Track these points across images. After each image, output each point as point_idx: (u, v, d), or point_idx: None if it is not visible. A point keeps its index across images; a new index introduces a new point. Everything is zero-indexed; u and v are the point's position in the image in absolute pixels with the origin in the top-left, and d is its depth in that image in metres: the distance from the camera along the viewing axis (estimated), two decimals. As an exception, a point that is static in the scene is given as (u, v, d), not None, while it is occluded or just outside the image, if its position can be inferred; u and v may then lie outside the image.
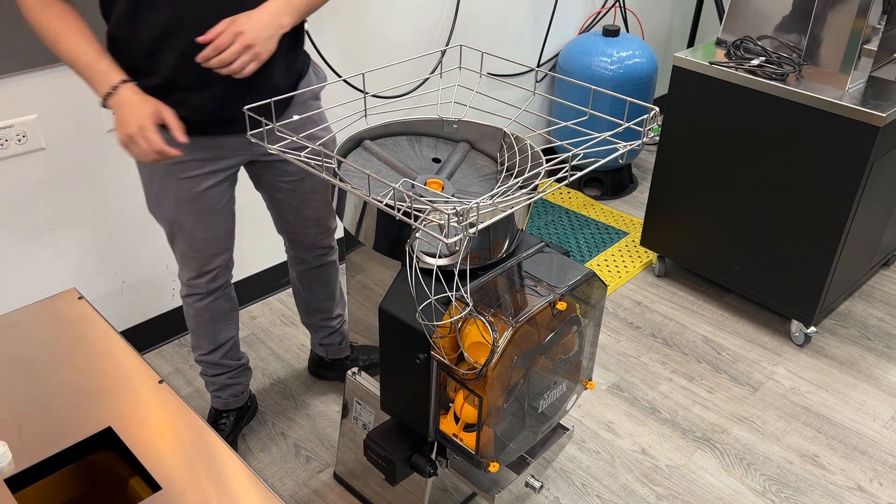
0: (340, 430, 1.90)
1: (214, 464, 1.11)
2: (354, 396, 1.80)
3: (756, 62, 2.31)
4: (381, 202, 1.28)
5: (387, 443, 1.56)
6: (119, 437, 1.13)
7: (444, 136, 1.68)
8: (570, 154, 1.29)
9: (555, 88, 3.33)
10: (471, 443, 1.44)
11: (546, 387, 1.51)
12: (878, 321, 2.64)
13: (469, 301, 1.34)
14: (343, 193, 1.48)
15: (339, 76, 2.48)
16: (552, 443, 1.72)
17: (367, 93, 1.74)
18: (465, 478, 1.64)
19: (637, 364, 2.44)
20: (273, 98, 1.49)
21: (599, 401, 2.29)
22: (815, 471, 2.09)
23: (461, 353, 1.36)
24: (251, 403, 2.16)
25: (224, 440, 2.10)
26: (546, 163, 1.47)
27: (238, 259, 2.50)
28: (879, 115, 2.06)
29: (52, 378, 1.24)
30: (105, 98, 1.46)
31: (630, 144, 1.34)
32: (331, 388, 2.30)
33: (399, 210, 1.25)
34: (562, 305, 1.42)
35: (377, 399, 1.72)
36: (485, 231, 1.40)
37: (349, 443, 1.89)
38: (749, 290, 2.56)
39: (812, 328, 2.47)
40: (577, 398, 1.65)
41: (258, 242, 2.56)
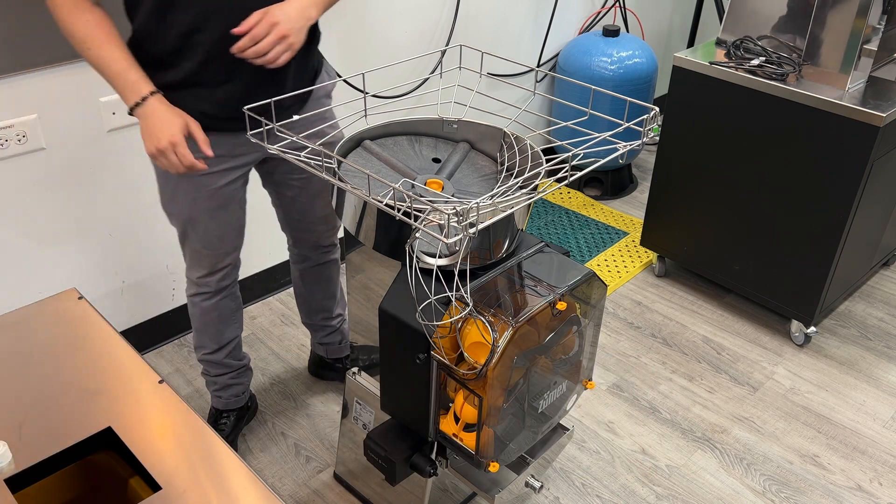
0: (340, 430, 1.90)
1: (214, 464, 1.11)
2: (354, 396, 1.80)
3: (756, 62, 2.31)
4: (381, 202, 1.28)
5: (387, 443, 1.56)
6: (119, 437, 1.13)
7: (444, 136, 1.68)
8: (570, 154, 1.29)
9: (555, 88, 3.33)
10: (471, 443, 1.44)
11: (546, 387, 1.51)
12: (878, 321, 2.64)
13: (469, 301, 1.34)
14: (343, 193, 1.48)
15: (340, 76, 2.48)
16: (552, 443, 1.72)
17: (367, 93, 1.75)
18: (465, 478, 1.64)
19: (637, 364, 2.44)
20: (273, 98, 1.49)
21: (599, 401, 2.29)
22: (815, 471, 2.09)
23: (461, 353, 1.36)
24: (251, 403, 2.16)
25: (224, 440, 2.10)
26: (546, 163, 1.47)
27: (238, 259, 2.50)
28: (879, 115, 2.06)
29: (52, 378, 1.24)
30: (133, 108, 1.49)
31: (630, 144, 1.34)
32: (331, 388, 2.30)
33: (399, 210, 1.25)
34: (562, 305, 1.42)
35: (377, 399, 1.72)
36: (485, 231, 1.40)
37: (349, 443, 1.89)
38: (749, 290, 2.56)
39: (812, 328, 2.47)
40: (577, 398, 1.65)
41: (258, 243, 2.56)
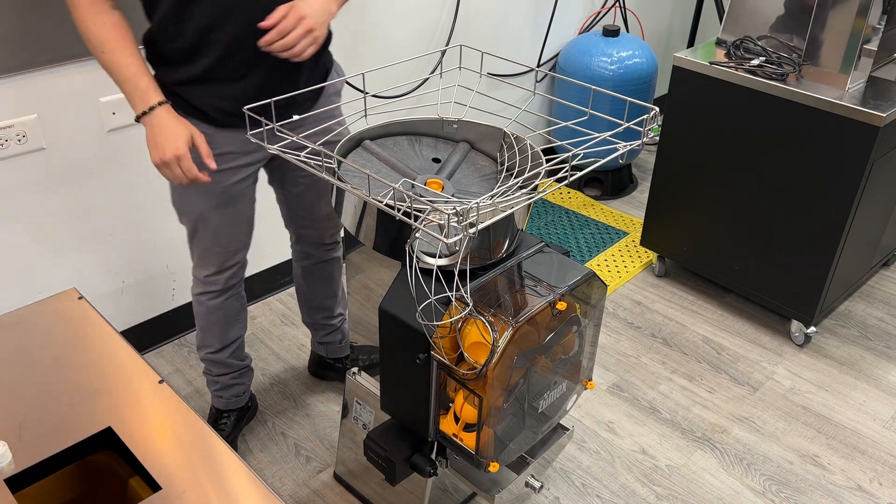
0: (340, 430, 1.90)
1: (214, 464, 1.11)
2: (354, 396, 1.80)
3: (756, 62, 2.31)
4: (381, 202, 1.28)
5: (387, 443, 1.56)
6: (119, 437, 1.13)
7: (444, 136, 1.68)
8: (570, 154, 1.29)
9: (555, 88, 3.33)
10: (471, 443, 1.44)
11: (546, 387, 1.51)
12: (878, 321, 2.64)
13: (469, 301, 1.34)
14: (343, 193, 1.48)
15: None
16: (552, 443, 1.72)
17: (367, 93, 1.75)
18: (465, 478, 1.64)
19: (637, 364, 2.44)
20: (273, 98, 1.49)
21: (599, 401, 2.29)
22: (815, 471, 2.09)
23: (461, 353, 1.36)
24: (251, 403, 2.16)
25: (224, 440, 2.10)
26: (546, 163, 1.47)
27: (238, 259, 2.50)
28: (879, 115, 2.06)
29: (52, 378, 1.24)
30: (140, 116, 1.51)
31: (630, 144, 1.34)
32: (331, 388, 2.30)
33: (399, 210, 1.25)
34: (562, 305, 1.42)
35: (377, 399, 1.72)
36: (485, 231, 1.40)
37: (349, 443, 1.89)
38: (749, 290, 2.56)
39: (812, 328, 2.47)
40: (577, 398, 1.65)
41: (258, 243, 2.56)
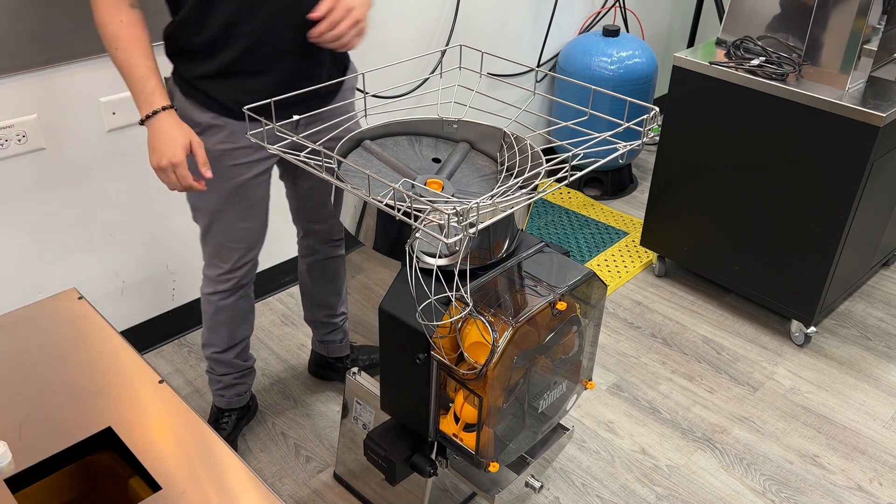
0: (340, 430, 1.90)
1: (214, 464, 1.11)
2: (354, 396, 1.80)
3: (756, 62, 2.31)
4: (381, 202, 1.28)
5: (387, 443, 1.56)
6: (119, 437, 1.13)
7: (444, 136, 1.68)
8: (570, 154, 1.29)
9: (555, 88, 3.33)
10: (471, 443, 1.44)
11: (546, 387, 1.51)
12: (878, 321, 2.64)
13: (469, 301, 1.34)
14: (343, 193, 1.48)
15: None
16: (552, 443, 1.72)
17: (367, 93, 1.75)
18: (465, 478, 1.64)
19: (637, 364, 2.44)
20: (273, 98, 1.49)
21: (599, 401, 2.29)
22: (815, 471, 2.09)
23: (461, 353, 1.36)
24: (252, 403, 2.16)
25: (224, 440, 2.10)
26: (546, 163, 1.47)
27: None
28: (879, 115, 2.06)
29: (52, 378, 1.24)
30: (144, 119, 1.52)
31: (630, 144, 1.34)
32: (331, 388, 2.30)
33: (399, 210, 1.25)
34: (562, 305, 1.42)
35: (377, 399, 1.72)
36: (485, 231, 1.40)
37: (349, 443, 1.89)
38: (749, 290, 2.56)
39: (812, 328, 2.47)
40: (577, 398, 1.65)
41: (258, 242, 2.56)
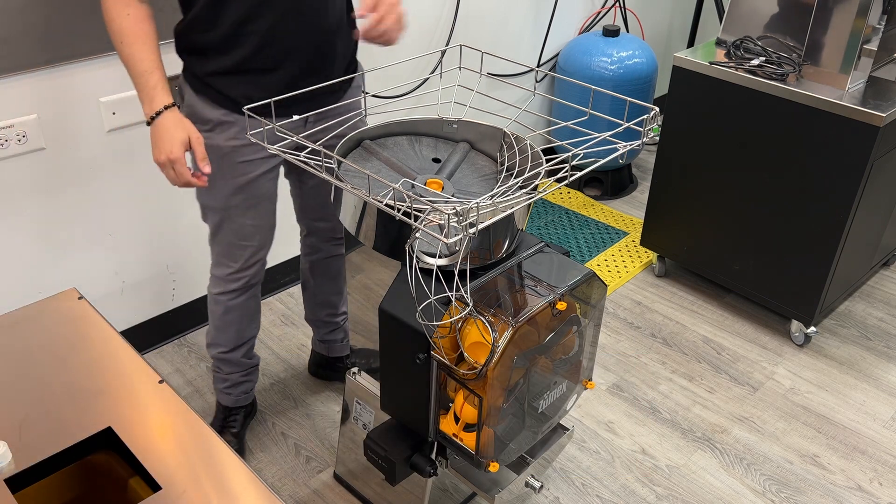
0: (340, 430, 1.90)
1: (214, 464, 1.11)
2: (354, 396, 1.80)
3: (756, 62, 2.31)
4: (381, 202, 1.28)
5: (387, 443, 1.56)
6: (119, 437, 1.13)
7: (444, 136, 1.68)
8: (570, 154, 1.29)
9: (555, 88, 3.33)
10: (471, 443, 1.44)
11: (546, 387, 1.51)
12: (878, 321, 2.64)
13: (469, 301, 1.34)
14: (343, 193, 1.48)
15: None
16: (552, 443, 1.72)
17: (367, 93, 1.75)
18: (465, 478, 1.64)
19: (637, 364, 2.44)
20: (273, 98, 1.49)
21: (599, 401, 2.29)
22: (815, 471, 2.09)
23: (461, 353, 1.36)
24: (254, 402, 2.16)
25: (235, 438, 2.10)
26: (546, 163, 1.47)
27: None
28: (879, 115, 2.06)
29: (52, 378, 1.24)
30: (149, 121, 1.54)
31: (630, 144, 1.34)
32: (331, 388, 2.30)
33: (399, 210, 1.25)
34: (562, 305, 1.42)
35: (377, 399, 1.72)
36: (485, 231, 1.40)
37: (349, 443, 1.89)
38: (749, 290, 2.56)
39: (812, 328, 2.47)
40: (577, 398, 1.65)
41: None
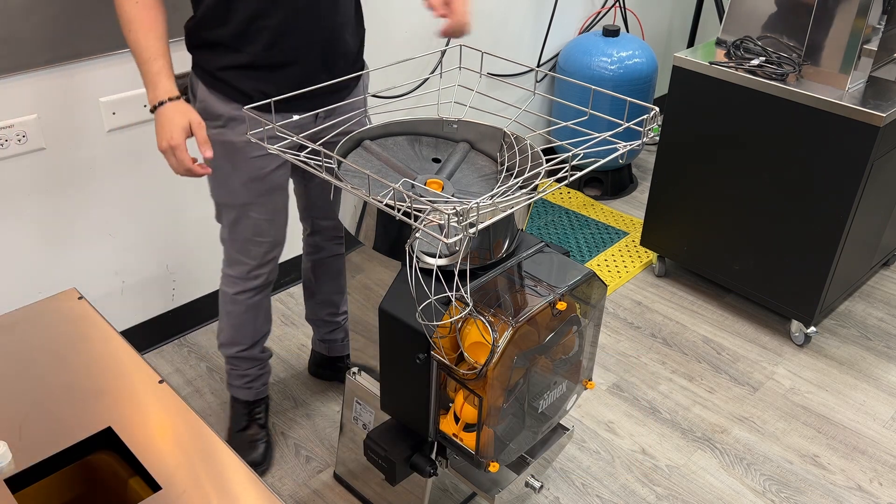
0: (340, 430, 1.90)
1: (214, 464, 1.11)
2: (354, 396, 1.80)
3: (756, 62, 2.31)
4: (381, 202, 1.28)
5: (387, 443, 1.56)
6: (119, 437, 1.13)
7: (444, 136, 1.68)
8: (570, 154, 1.29)
9: (555, 88, 3.33)
10: (471, 443, 1.44)
11: (546, 387, 1.51)
12: (878, 321, 2.64)
13: (469, 301, 1.34)
14: (343, 193, 1.48)
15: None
16: (552, 443, 1.72)
17: (367, 93, 1.75)
18: (465, 478, 1.64)
19: (637, 364, 2.44)
20: (273, 98, 1.49)
21: (599, 401, 2.29)
22: (815, 471, 2.09)
23: (461, 353, 1.36)
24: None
25: (263, 429, 2.09)
26: (546, 163, 1.47)
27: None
28: (879, 115, 2.06)
29: (52, 378, 1.24)
30: (152, 107, 1.53)
31: (630, 144, 1.34)
32: (331, 388, 2.30)
33: (399, 210, 1.25)
34: (562, 305, 1.42)
35: (377, 399, 1.72)
36: (485, 231, 1.40)
37: (349, 443, 1.89)
38: (749, 290, 2.56)
39: (812, 328, 2.47)
40: (577, 398, 1.65)
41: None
